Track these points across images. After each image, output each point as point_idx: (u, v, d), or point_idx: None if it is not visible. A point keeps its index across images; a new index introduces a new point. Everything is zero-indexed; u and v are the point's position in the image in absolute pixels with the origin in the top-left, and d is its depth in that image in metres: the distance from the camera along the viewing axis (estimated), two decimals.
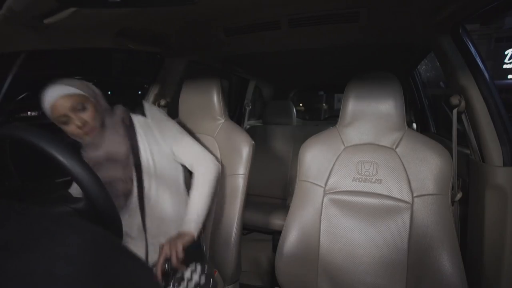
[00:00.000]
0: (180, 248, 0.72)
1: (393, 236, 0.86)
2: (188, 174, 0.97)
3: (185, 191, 0.97)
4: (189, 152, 0.93)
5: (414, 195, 0.85)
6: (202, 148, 0.94)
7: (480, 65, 0.91)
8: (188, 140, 0.94)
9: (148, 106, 0.96)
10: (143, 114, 0.93)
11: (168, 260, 0.72)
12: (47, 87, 0.80)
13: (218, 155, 1.14)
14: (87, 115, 0.82)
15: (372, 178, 0.90)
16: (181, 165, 0.96)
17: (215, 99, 1.17)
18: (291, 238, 0.93)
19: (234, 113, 2.63)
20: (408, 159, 0.89)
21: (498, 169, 0.88)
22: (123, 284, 0.21)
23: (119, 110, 0.91)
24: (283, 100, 2.40)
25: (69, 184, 0.91)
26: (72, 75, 1.64)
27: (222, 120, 1.19)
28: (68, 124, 0.80)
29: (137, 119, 0.92)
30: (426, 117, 1.79)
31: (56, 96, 0.78)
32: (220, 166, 0.95)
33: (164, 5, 0.78)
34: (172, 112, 1.31)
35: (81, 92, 0.82)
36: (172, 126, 0.95)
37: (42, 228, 0.22)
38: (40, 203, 0.57)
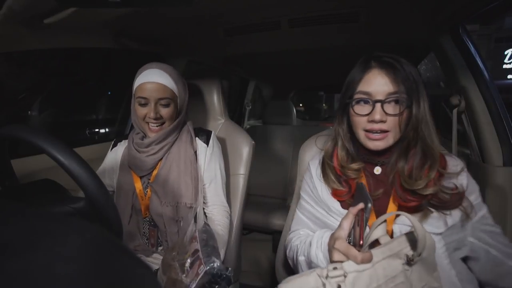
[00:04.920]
0: None
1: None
2: None
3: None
4: (215, 196, 0.96)
5: None
6: (224, 198, 0.98)
7: (480, 65, 0.91)
8: (221, 185, 0.97)
9: (214, 137, 0.99)
10: (206, 141, 0.97)
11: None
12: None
13: None
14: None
15: None
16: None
17: (215, 99, 1.17)
18: None
19: (234, 113, 2.63)
20: None
21: (498, 169, 0.88)
22: (123, 284, 0.21)
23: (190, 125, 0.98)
24: (283, 100, 2.40)
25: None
26: (71, 74, 1.64)
27: (222, 120, 1.19)
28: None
29: (200, 143, 0.96)
30: None
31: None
32: (229, 216, 0.98)
33: (164, 5, 0.78)
34: None
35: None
36: (219, 165, 0.98)
37: (42, 228, 0.22)
38: (40, 203, 0.57)
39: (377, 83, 0.61)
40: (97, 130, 1.72)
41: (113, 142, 1.04)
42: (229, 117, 1.23)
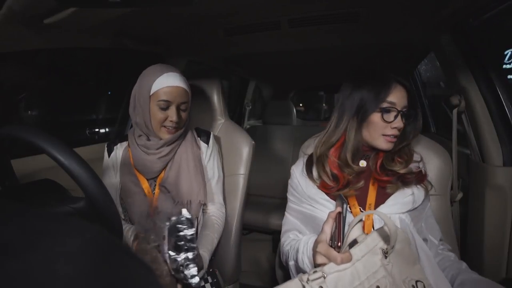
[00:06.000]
0: None
1: None
2: None
3: None
4: (213, 193, 0.98)
5: None
6: (221, 197, 1.00)
7: (480, 65, 0.91)
8: (219, 183, 1.00)
9: (213, 137, 1.02)
10: (206, 141, 1.00)
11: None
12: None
13: None
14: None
15: None
16: None
17: (215, 99, 1.17)
18: None
19: (234, 113, 2.63)
20: None
21: (498, 169, 0.88)
22: (123, 284, 0.21)
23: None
24: (283, 100, 2.40)
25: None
26: (70, 74, 1.64)
27: (222, 120, 1.19)
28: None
29: (202, 143, 0.99)
30: (426, 117, 1.79)
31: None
32: (224, 213, 1.00)
33: (164, 5, 0.78)
34: None
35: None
36: (218, 164, 1.01)
37: (42, 228, 0.22)
38: (40, 203, 0.57)
39: (400, 96, 0.73)
40: (97, 130, 1.72)
41: (106, 148, 0.98)
42: (229, 117, 1.23)
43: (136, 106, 0.88)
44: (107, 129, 1.76)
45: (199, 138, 0.99)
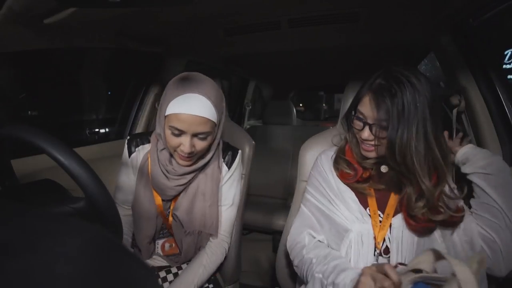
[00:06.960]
0: None
1: None
2: None
3: None
4: (220, 222, 0.89)
5: None
6: (230, 227, 0.92)
7: (480, 65, 0.92)
8: (228, 211, 0.91)
9: (239, 160, 0.93)
10: (229, 163, 0.90)
11: None
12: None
13: None
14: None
15: None
16: None
17: None
18: None
19: (234, 113, 2.64)
20: None
21: None
22: (123, 284, 0.21)
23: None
24: (283, 100, 2.40)
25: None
26: (70, 74, 1.64)
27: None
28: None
29: (224, 167, 0.89)
30: None
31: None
32: (226, 248, 0.92)
33: (164, 5, 0.78)
34: None
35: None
36: (235, 191, 0.92)
37: (42, 228, 0.22)
38: (40, 203, 0.57)
39: (369, 108, 0.67)
40: (97, 130, 1.72)
41: (127, 145, 0.87)
42: (229, 117, 1.23)
43: (159, 117, 0.77)
44: (107, 129, 1.76)
45: (222, 160, 0.87)
